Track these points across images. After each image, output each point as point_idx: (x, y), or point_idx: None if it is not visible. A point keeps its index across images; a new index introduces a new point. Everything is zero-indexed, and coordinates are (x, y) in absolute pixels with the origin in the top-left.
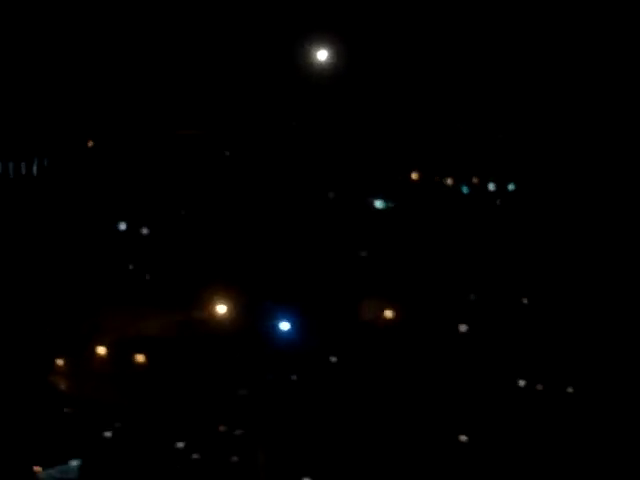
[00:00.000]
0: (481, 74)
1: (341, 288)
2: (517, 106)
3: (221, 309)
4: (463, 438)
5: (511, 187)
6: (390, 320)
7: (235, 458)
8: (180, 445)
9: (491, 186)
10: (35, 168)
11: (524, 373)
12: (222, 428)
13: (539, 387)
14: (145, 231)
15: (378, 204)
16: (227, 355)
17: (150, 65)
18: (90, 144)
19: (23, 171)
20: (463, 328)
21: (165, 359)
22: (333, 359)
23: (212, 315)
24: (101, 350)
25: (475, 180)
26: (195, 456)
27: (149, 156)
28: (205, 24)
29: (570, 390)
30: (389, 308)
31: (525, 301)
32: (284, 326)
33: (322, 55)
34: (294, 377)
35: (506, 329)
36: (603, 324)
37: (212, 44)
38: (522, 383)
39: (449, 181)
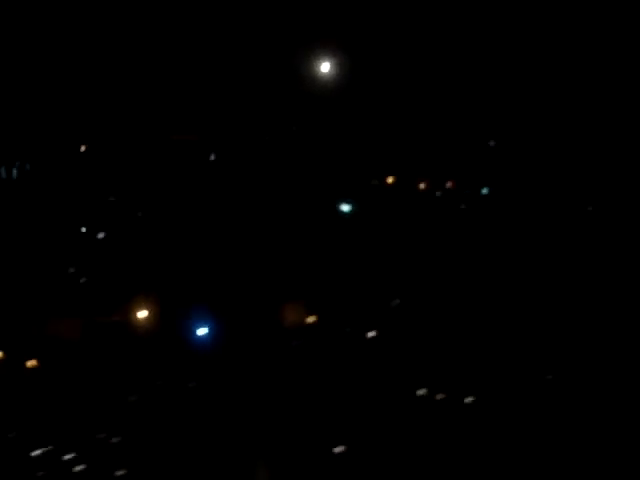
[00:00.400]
0: (466, 83)
1: (263, 293)
2: (498, 113)
3: (141, 314)
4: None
5: (485, 191)
6: (311, 325)
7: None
8: (68, 457)
9: (454, 190)
10: (15, 172)
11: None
12: (102, 435)
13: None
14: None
15: (343, 208)
16: (135, 358)
17: (146, 70)
18: (82, 149)
19: (3, 175)
20: (372, 334)
21: (63, 362)
22: (250, 364)
23: (123, 319)
24: None
25: (449, 185)
26: (81, 468)
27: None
28: (202, 30)
29: (470, 400)
30: (310, 313)
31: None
32: (201, 331)
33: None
34: (209, 381)
35: (430, 335)
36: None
37: (206, 51)
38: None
39: (422, 185)
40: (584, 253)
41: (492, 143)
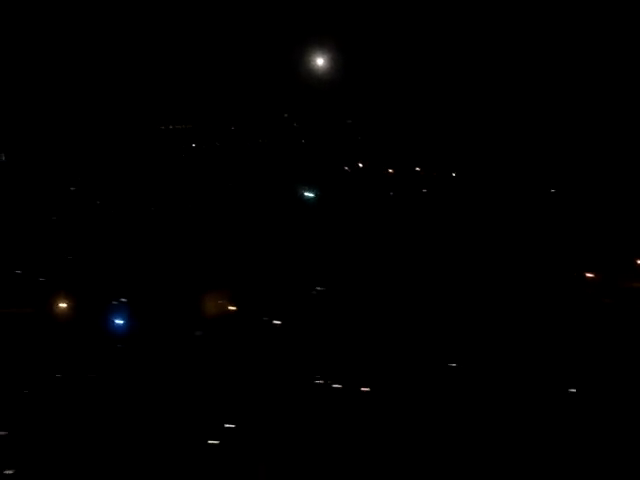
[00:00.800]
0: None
1: (183, 284)
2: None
3: (60, 305)
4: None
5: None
6: (231, 314)
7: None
8: None
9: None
10: None
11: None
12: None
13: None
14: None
15: (307, 195)
16: (50, 350)
17: (139, 62)
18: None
19: None
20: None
21: None
22: (167, 353)
23: (43, 310)
24: None
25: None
26: None
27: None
28: (195, 22)
29: (366, 389)
30: (231, 303)
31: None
32: (119, 321)
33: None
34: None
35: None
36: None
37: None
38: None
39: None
40: (549, 235)
41: (462, 129)
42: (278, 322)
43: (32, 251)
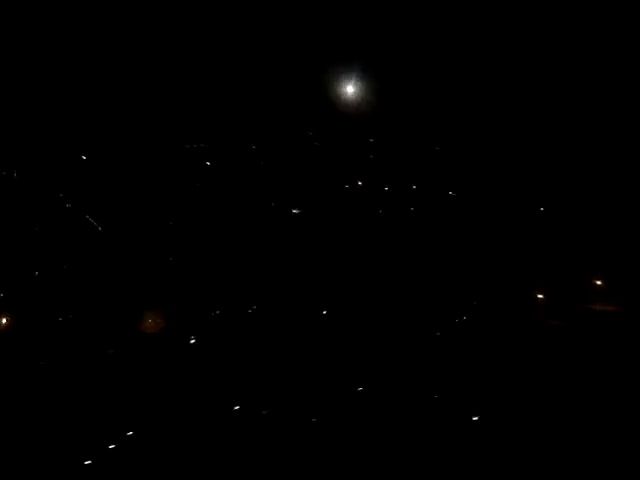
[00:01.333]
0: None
1: (123, 299)
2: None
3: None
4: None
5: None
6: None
7: None
8: None
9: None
10: None
11: None
12: None
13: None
14: None
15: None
16: None
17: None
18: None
19: None
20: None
21: None
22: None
23: None
24: None
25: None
26: None
27: None
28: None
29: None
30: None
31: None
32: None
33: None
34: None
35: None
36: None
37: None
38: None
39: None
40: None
41: (457, 147)
42: (199, 341)
43: None
